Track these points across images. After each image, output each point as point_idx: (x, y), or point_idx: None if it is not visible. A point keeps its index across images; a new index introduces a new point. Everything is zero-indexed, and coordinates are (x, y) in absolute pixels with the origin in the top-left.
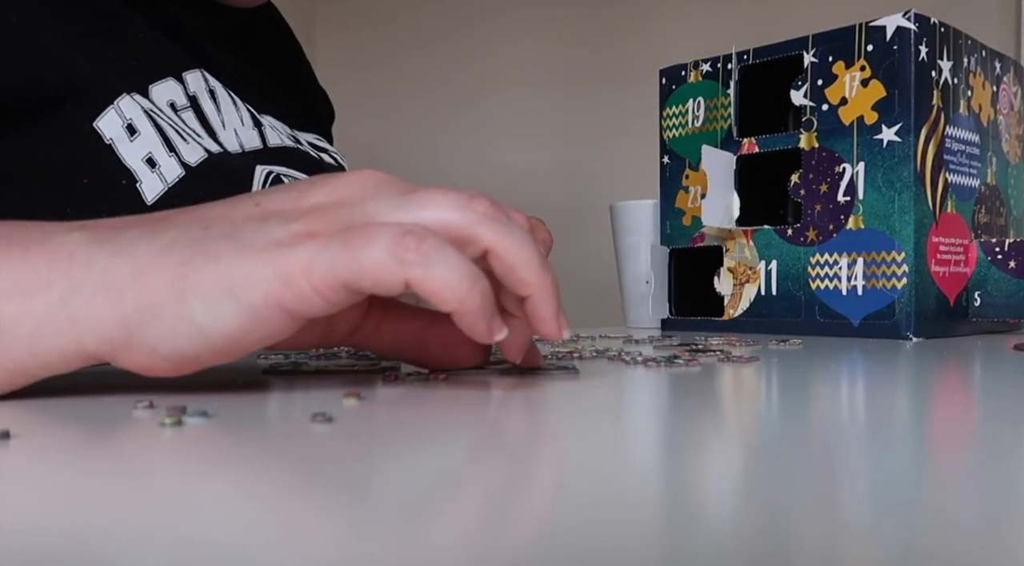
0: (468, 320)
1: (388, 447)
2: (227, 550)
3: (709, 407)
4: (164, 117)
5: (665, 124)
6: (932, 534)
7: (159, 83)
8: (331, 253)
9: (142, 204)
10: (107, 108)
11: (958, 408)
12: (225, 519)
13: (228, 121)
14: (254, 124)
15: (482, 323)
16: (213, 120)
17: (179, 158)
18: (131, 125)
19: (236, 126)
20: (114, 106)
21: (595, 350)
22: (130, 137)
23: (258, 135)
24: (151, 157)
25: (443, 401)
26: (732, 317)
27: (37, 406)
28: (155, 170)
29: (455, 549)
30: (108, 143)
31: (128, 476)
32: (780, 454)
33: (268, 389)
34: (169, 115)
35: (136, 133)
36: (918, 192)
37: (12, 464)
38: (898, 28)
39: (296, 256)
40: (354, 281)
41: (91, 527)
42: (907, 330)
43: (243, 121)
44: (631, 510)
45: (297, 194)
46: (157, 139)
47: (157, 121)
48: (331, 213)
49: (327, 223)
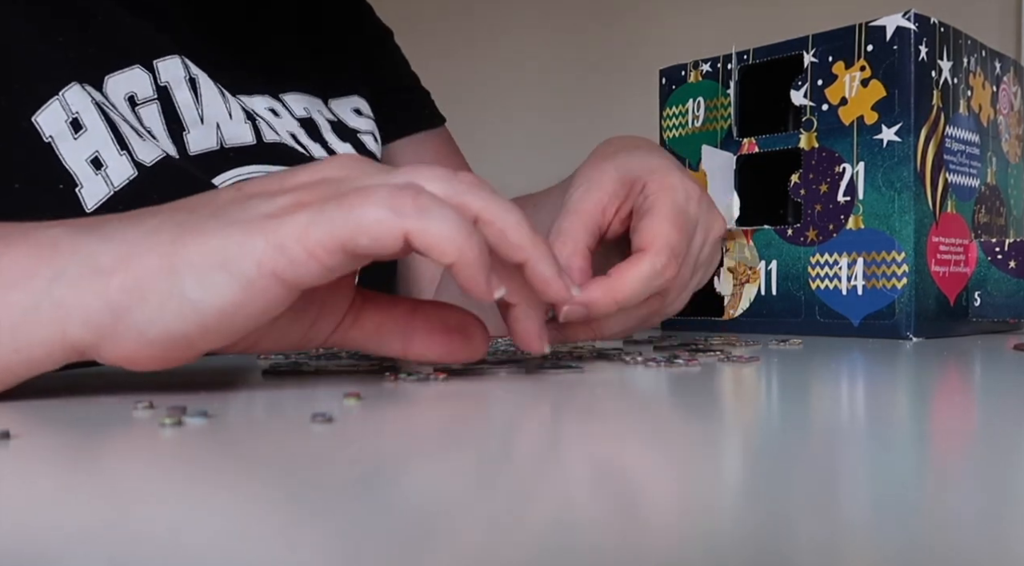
0: (467, 273)
1: (388, 447)
2: (227, 550)
3: (709, 407)
4: (117, 112)
5: (665, 124)
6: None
7: (119, 72)
8: (327, 215)
9: (80, 211)
10: (50, 100)
11: (958, 408)
12: (225, 519)
13: (209, 114)
14: (247, 117)
15: (481, 276)
16: (188, 113)
17: (131, 157)
18: (76, 120)
19: (221, 120)
20: (58, 98)
21: (595, 350)
22: (74, 134)
23: (251, 129)
24: (97, 157)
25: (443, 401)
26: (732, 317)
27: (37, 406)
28: (100, 172)
29: (455, 549)
30: (47, 142)
31: (128, 476)
32: (780, 454)
33: (268, 389)
34: (123, 110)
35: (82, 129)
36: (918, 192)
37: (12, 464)
38: (898, 28)
39: (289, 224)
40: (351, 239)
41: (91, 527)
42: (907, 330)
43: (231, 114)
44: (631, 510)
45: (280, 178)
46: (107, 136)
47: (109, 115)
48: (318, 187)
49: (315, 194)
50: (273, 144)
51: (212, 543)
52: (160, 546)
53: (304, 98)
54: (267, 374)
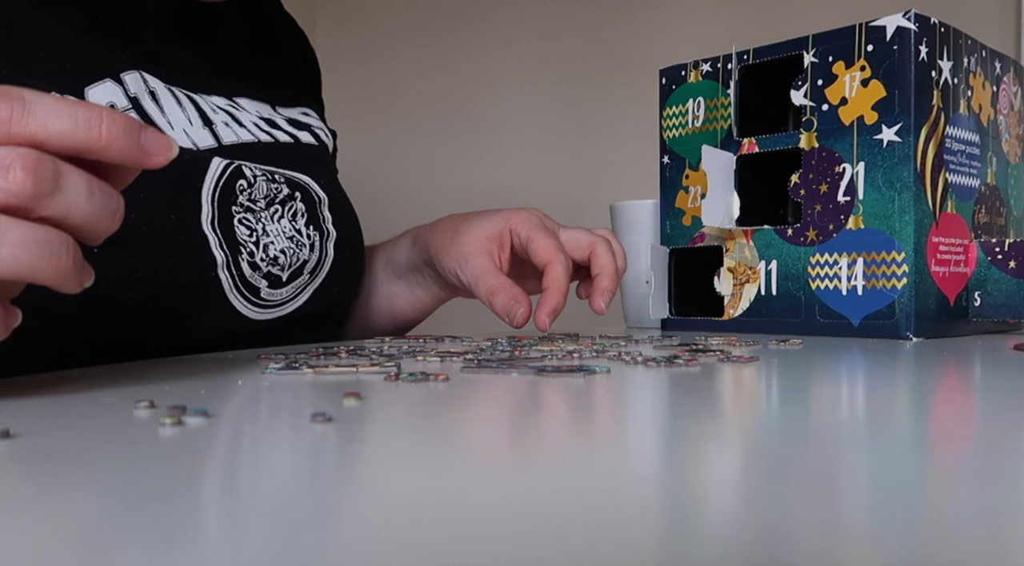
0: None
1: (388, 447)
2: (227, 550)
3: (709, 407)
4: None
5: (665, 124)
6: (932, 534)
7: (97, 84)
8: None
9: None
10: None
11: (958, 408)
12: (225, 520)
13: (175, 121)
14: (204, 123)
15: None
16: (158, 121)
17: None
18: None
19: (184, 126)
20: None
21: (595, 350)
22: None
23: (210, 134)
24: None
25: (443, 401)
26: (732, 317)
27: (37, 406)
28: None
29: (455, 548)
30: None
31: (128, 476)
32: (780, 454)
33: (268, 389)
34: None
35: None
36: (918, 192)
37: (12, 464)
38: (898, 28)
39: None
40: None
41: (91, 527)
42: (907, 330)
43: (191, 120)
44: (631, 510)
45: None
46: None
47: None
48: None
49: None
50: (236, 145)
51: (212, 543)
52: (160, 546)
53: (254, 103)
54: (267, 374)
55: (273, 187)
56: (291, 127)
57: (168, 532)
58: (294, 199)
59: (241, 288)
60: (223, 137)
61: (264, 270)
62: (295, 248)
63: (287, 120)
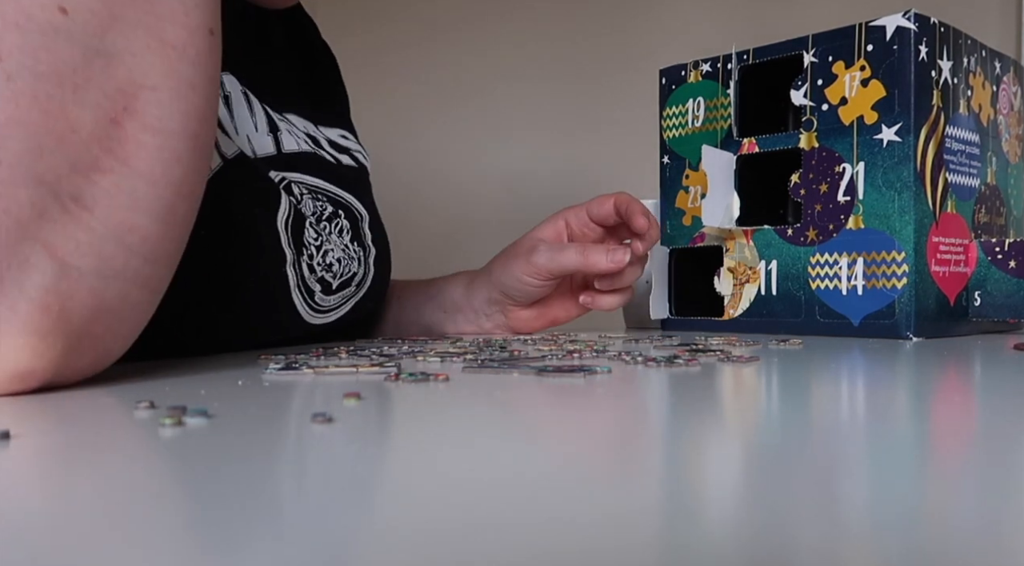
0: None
1: (388, 447)
2: (227, 550)
3: (709, 407)
4: None
5: (665, 124)
6: (932, 534)
7: None
8: None
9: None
10: None
11: (958, 408)
12: (225, 519)
13: (241, 127)
14: (269, 129)
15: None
16: (226, 125)
17: (217, 148)
18: None
19: (249, 132)
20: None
21: (595, 350)
22: None
23: (272, 141)
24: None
25: (443, 401)
26: (732, 317)
27: (37, 406)
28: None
29: (455, 548)
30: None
31: (128, 476)
32: (780, 454)
33: (268, 389)
34: None
35: None
36: (918, 192)
37: (12, 464)
38: (898, 28)
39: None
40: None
41: (91, 527)
42: (907, 330)
43: (257, 126)
44: (631, 510)
45: None
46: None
47: None
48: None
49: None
50: (295, 153)
51: (211, 542)
52: (160, 546)
53: (300, 119)
54: (267, 374)
55: (318, 204)
56: (332, 149)
57: (168, 533)
58: (339, 216)
59: (301, 288)
60: (284, 145)
61: (319, 274)
62: (347, 259)
63: (327, 141)
